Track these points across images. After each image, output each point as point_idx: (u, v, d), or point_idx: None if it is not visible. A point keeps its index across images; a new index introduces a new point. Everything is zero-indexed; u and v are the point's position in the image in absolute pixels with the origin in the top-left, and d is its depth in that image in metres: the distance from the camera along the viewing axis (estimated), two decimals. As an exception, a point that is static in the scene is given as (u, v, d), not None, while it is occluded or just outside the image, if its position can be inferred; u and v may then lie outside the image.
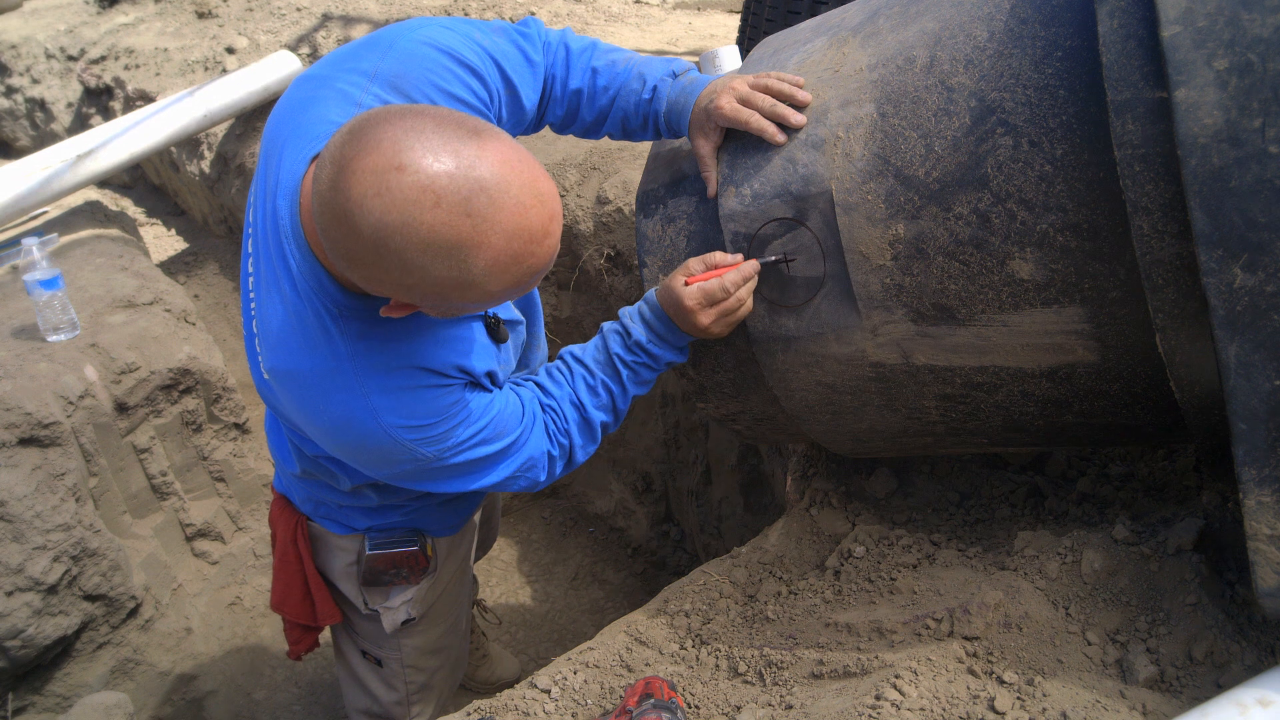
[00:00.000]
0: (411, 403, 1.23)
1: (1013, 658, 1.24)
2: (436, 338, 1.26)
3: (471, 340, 1.32)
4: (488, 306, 1.12)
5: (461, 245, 0.98)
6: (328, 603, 1.75)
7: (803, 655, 1.41)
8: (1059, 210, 1.13)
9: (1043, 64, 1.14)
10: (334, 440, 1.27)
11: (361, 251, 0.99)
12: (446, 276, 1.00)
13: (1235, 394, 0.98)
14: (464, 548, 1.88)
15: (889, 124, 1.24)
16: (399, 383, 1.22)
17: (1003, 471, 1.69)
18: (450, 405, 1.27)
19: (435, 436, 1.26)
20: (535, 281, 1.09)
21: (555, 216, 1.05)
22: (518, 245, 1.01)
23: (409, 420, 1.23)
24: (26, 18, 6.46)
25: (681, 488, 3.18)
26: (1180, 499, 1.47)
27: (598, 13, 4.75)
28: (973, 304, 1.22)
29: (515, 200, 0.99)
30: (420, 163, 0.95)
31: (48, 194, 3.49)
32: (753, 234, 1.36)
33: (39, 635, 2.46)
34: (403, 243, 0.97)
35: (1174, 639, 1.20)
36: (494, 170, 0.98)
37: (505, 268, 1.02)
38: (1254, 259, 0.94)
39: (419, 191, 0.95)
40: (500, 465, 1.38)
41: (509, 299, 1.10)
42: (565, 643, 2.99)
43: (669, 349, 1.43)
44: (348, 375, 1.20)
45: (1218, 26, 0.94)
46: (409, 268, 0.99)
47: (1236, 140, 0.93)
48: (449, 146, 0.97)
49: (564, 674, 1.52)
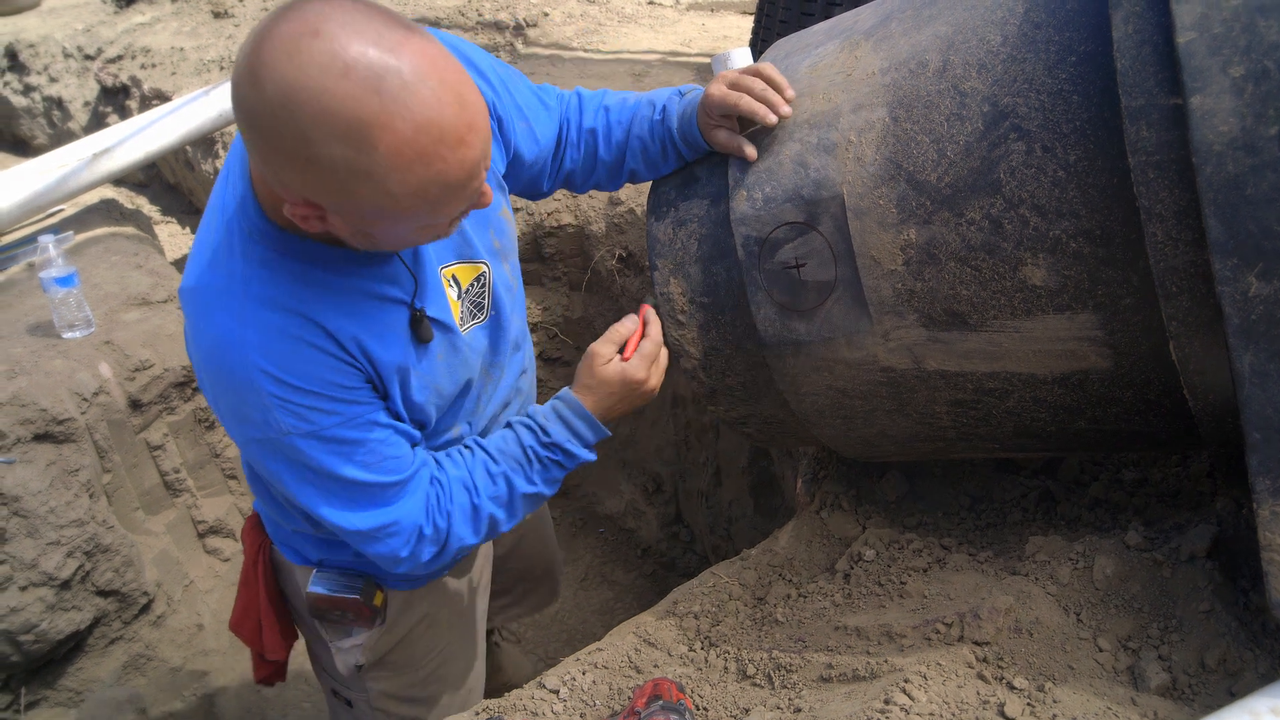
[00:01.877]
0: (288, 354, 1.13)
1: (1023, 663, 1.23)
2: (344, 303, 1.17)
3: (385, 324, 1.21)
4: (394, 224, 1.03)
5: (364, 123, 0.91)
6: (276, 637, 1.63)
7: (812, 658, 1.41)
8: (1072, 216, 1.12)
9: (1056, 69, 1.13)
10: (203, 372, 1.17)
11: (263, 116, 0.92)
12: (344, 159, 0.93)
13: (1250, 404, 0.97)
14: (438, 609, 1.66)
15: (901, 128, 1.23)
16: (281, 324, 1.12)
17: (1014, 475, 1.68)
18: (332, 384, 1.16)
19: (299, 407, 1.14)
20: (450, 204, 1.02)
21: (476, 130, 0.98)
22: (426, 141, 0.94)
23: (277, 370, 1.12)
24: (44, 17, 6.50)
25: (692, 489, 3.18)
26: (1194, 505, 1.46)
27: (611, 13, 4.76)
28: (985, 310, 1.22)
29: (432, 93, 0.93)
30: (338, 33, 0.91)
31: (64, 192, 3.51)
32: (764, 238, 1.35)
33: (52, 630, 2.47)
34: (304, 108, 0.90)
35: (1187, 646, 1.19)
36: (415, 60, 0.93)
37: (409, 164, 0.94)
38: (1269, 267, 0.93)
39: (329, 58, 0.90)
40: (360, 504, 1.25)
41: (418, 218, 1.02)
42: (575, 643, 2.99)
43: (584, 447, 1.37)
44: (236, 297, 1.12)
45: (1233, 33, 0.93)
46: (307, 139, 0.92)
47: (1252, 148, 0.92)
48: (374, 28, 0.92)
49: (573, 674, 1.52)
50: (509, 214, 1.47)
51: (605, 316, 3.23)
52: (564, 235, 3.22)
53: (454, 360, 1.32)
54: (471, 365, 1.37)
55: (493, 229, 1.40)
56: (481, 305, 1.38)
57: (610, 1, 4.92)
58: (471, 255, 1.35)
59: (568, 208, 3.17)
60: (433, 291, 1.28)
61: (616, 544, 3.44)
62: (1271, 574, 1.01)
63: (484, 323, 1.40)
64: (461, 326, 1.33)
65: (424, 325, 1.25)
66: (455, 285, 1.33)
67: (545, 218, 3.20)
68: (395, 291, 1.22)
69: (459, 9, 4.82)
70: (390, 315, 1.21)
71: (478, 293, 1.37)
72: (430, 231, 1.09)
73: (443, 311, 1.29)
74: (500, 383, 1.49)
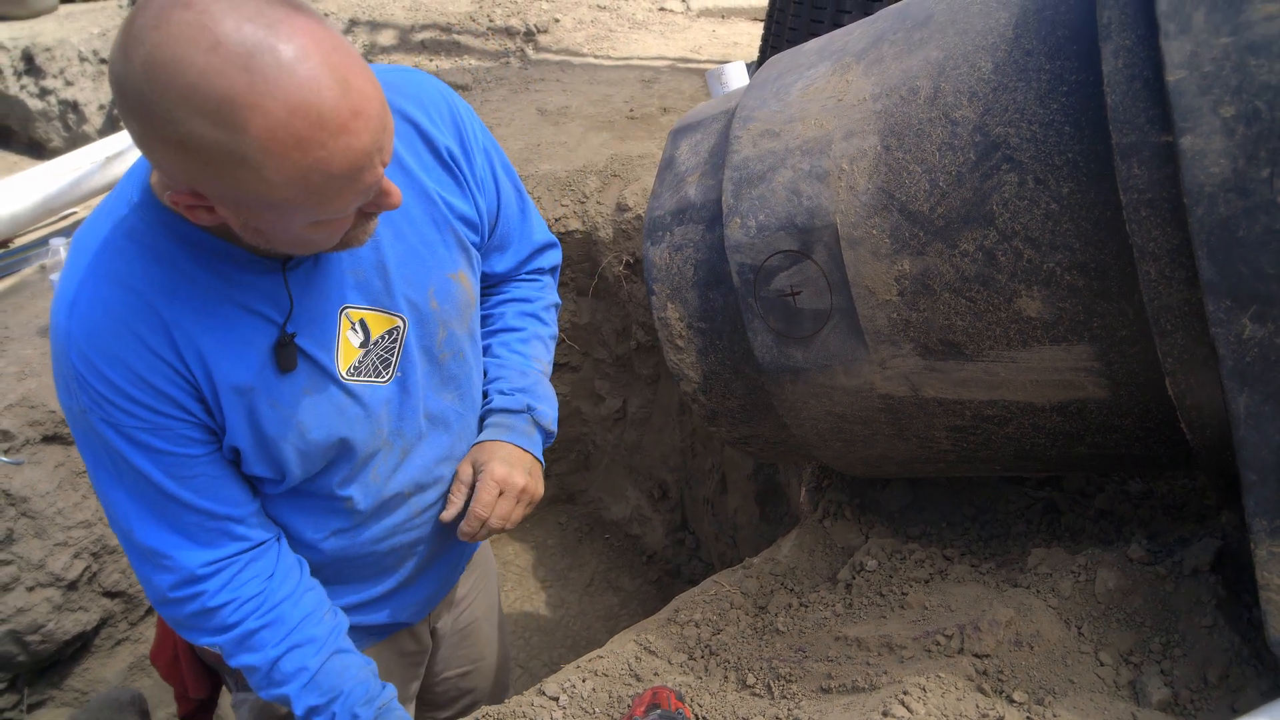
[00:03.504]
0: (106, 333, 1.04)
1: (1023, 677, 1.23)
2: (201, 302, 1.07)
3: (242, 339, 1.10)
4: (280, 215, 0.95)
5: (233, 102, 0.84)
6: (195, 675, 1.55)
7: (812, 668, 1.40)
8: (1066, 249, 1.10)
9: (1048, 98, 1.10)
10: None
11: (130, 92, 0.86)
12: (215, 141, 0.86)
13: (1245, 445, 0.96)
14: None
15: (893, 157, 1.21)
16: (114, 302, 1.04)
17: (1019, 486, 1.67)
18: (142, 381, 1.06)
19: (101, 384, 1.05)
20: (338, 197, 0.94)
21: (364, 117, 0.91)
22: (301, 125, 0.87)
23: (87, 345, 1.04)
24: (61, 21, 6.56)
25: (698, 496, 3.18)
26: (1199, 518, 1.45)
27: (622, 20, 4.77)
28: (980, 340, 1.21)
29: (310, 74, 0.86)
30: (211, 6, 0.84)
31: (77, 195, 3.54)
32: (759, 265, 1.34)
33: (58, 630, 2.49)
34: (170, 84, 0.83)
35: (1188, 661, 1.18)
36: (295, 38, 0.86)
37: (285, 151, 0.87)
38: (1263, 310, 0.91)
39: (198, 30, 0.83)
40: (160, 524, 1.13)
41: (305, 211, 0.94)
42: (579, 649, 2.99)
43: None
44: (87, 256, 1.06)
45: (1224, 72, 0.91)
46: (173, 119, 0.85)
47: (1244, 190, 0.90)
48: (254, 4, 0.86)
49: (572, 681, 1.51)
50: (467, 281, 1.34)
51: (612, 322, 3.24)
52: (571, 241, 3.22)
53: (326, 408, 1.19)
54: (355, 423, 1.23)
55: (433, 288, 1.28)
56: (389, 364, 1.26)
57: (621, 8, 4.93)
58: (388, 305, 1.23)
59: (575, 214, 3.18)
60: (318, 325, 1.17)
61: (622, 550, 3.44)
62: (1270, 613, 1.00)
63: (386, 383, 1.26)
64: (347, 375, 1.20)
65: (289, 351, 1.13)
66: (361, 332, 1.22)
67: (553, 224, 3.20)
68: (266, 308, 1.12)
69: (470, 15, 4.84)
70: (251, 330, 1.11)
71: (386, 348, 1.25)
72: (326, 230, 0.99)
73: (324, 351, 1.18)
74: (410, 460, 1.34)
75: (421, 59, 4.50)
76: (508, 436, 1.42)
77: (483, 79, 4.19)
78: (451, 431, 1.39)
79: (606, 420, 3.45)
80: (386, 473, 1.32)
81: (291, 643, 1.21)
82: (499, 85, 4.10)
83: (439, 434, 1.37)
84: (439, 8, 5.03)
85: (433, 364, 1.32)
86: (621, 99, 3.78)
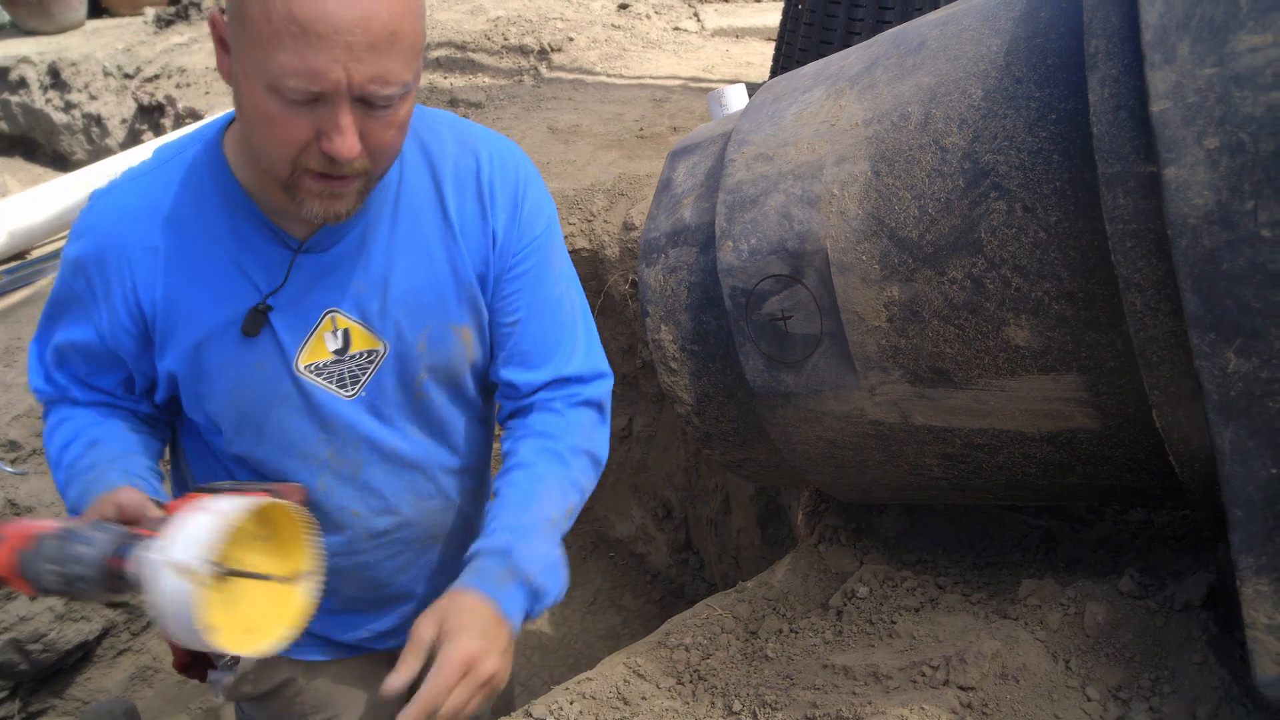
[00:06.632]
0: (114, 221, 1.19)
1: (1008, 710, 1.21)
2: (201, 243, 1.17)
3: (219, 290, 1.19)
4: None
5: None
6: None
7: (798, 696, 1.39)
8: (1053, 278, 1.10)
9: (1036, 126, 1.10)
10: None
11: None
12: None
13: (1231, 480, 0.94)
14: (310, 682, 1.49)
15: (883, 183, 1.21)
16: (132, 205, 1.19)
17: (1017, 514, 1.65)
18: (94, 279, 1.19)
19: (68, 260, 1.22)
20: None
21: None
22: None
23: (82, 220, 1.22)
24: (88, 36, 6.67)
25: (702, 516, 3.16)
26: (1198, 549, 1.43)
27: (636, 39, 4.79)
28: (969, 368, 1.20)
29: None
30: None
31: (93, 208, 3.59)
32: (750, 289, 1.34)
33: (60, 640, 2.51)
34: None
35: (1178, 698, 1.16)
36: None
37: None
38: (1247, 344, 0.90)
39: None
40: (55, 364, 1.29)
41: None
42: (580, 668, 2.96)
43: None
44: (152, 162, 1.23)
45: (1208, 103, 0.89)
46: None
47: (1228, 222, 0.89)
48: None
49: (560, 704, 1.50)
50: (469, 340, 1.32)
51: (618, 340, 3.24)
52: (578, 259, 3.23)
53: (270, 391, 1.23)
54: (293, 415, 1.25)
55: (429, 331, 1.28)
56: (358, 381, 1.26)
57: (636, 27, 4.96)
58: (376, 327, 1.25)
59: (582, 232, 3.19)
60: (298, 313, 1.21)
61: (626, 569, 3.42)
62: (1257, 652, 0.98)
63: (349, 399, 1.27)
64: (303, 369, 1.23)
65: (257, 319, 1.18)
66: (340, 338, 1.24)
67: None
68: (259, 277, 1.19)
69: (485, 33, 4.88)
70: (233, 289, 1.19)
71: (360, 365, 1.26)
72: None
73: (291, 337, 1.21)
74: (360, 479, 1.32)
75: (436, 76, 4.54)
76: (476, 582, 1.20)
77: (496, 97, 4.22)
78: (418, 469, 1.37)
79: (612, 438, 3.44)
80: (327, 493, 1.32)
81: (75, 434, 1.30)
82: (511, 103, 4.13)
83: (401, 467, 1.35)
84: (455, 26, 5.08)
85: (408, 395, 1.32)
86: (632, 118, 3.79)
